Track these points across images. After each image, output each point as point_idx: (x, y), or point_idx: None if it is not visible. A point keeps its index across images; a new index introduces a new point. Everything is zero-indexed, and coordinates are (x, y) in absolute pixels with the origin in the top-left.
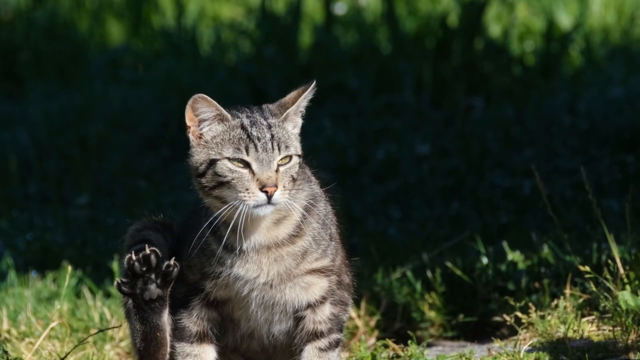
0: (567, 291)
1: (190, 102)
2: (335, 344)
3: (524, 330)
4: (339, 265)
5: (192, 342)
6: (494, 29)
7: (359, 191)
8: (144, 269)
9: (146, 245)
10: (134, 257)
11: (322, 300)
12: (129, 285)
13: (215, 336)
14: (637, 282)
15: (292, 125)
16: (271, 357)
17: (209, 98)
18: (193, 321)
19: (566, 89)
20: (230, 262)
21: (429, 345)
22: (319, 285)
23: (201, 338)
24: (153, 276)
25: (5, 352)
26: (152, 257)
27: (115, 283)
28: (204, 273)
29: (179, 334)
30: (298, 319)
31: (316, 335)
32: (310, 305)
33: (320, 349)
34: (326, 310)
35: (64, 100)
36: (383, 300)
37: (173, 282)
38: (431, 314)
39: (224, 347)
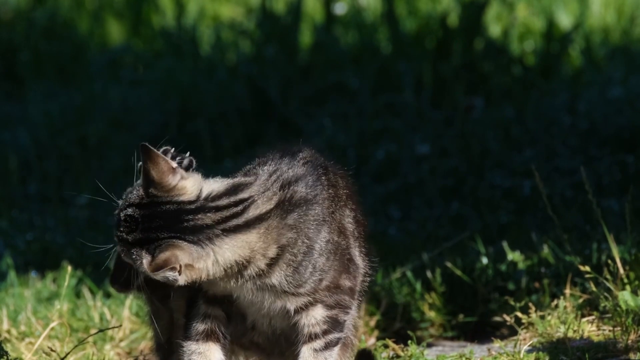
0: (567, 291)
1: None
2: (334, 343)
3: (524, 330)
4: (333, 276)
5: (197, 340)
6: (494, 29)
7: (359, 191)
8: None
9: None
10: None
11: (310, 305)
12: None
13: (223, 335)
14: (637, 282)
15: None
16: (284, 352)
17: None
18: (200, 319)
19: (566, 89)
20: None
21: (429, 345)
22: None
23: (207, 336)
24: None
25: (5, 352)
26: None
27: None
28: None
29: (186, 333)
30: (294, 321)
31: (311, 337)
32: (298, 311)
33: (315, 350)
34: (318, 314)
35: (64, 100)
36: (383, 300)
37: None
38: (431, 314)
39: (233, 336)
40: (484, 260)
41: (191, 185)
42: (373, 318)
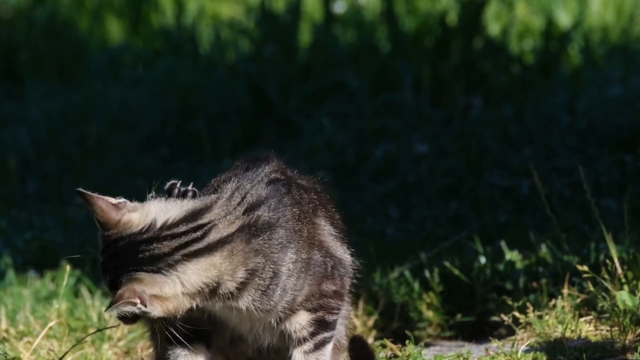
0: (565, 291)
1: None
2: (325, 342)
3: (522, 330)
4: (309, 290)
5: (183, 343)
6: (493, 28)
7: (358, 191)
8: None
9: None
10: None
11: (291, 313)
12: None
13: (209, 335)
14: (635, 282)
15: None
16: None
17: None
18: (182, 322)
19: (565, 88)
20: None
21: (427, 345)
22: None
23: (192, 338)
24: None
25: (4, 351)
26: None
27: None
28: None
29: (169, 336)
30: (280, 330)
31: (300, 341)
32: (279, 321)
33: (306, 352)
34: (302, 319)
35: (63, 100)
36: (381, 300)
37: None
38: (429, 314)
39: (219, 347)
40: (482, 260)
41: (138, 217)
42: (371, 318)
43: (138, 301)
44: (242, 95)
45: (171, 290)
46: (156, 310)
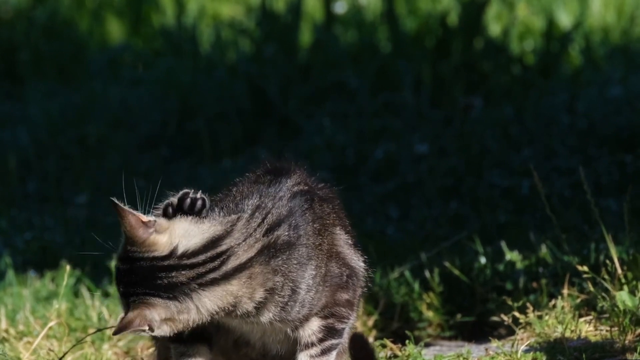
0: (565, 291)
1: None
2: (332, 348)
3: (522, 330)
4: (325, 302)
5: (186, 342)
6: (494, 28)
7: (358, 191)
8: None
9: None
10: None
11: (305, 321)
12: None
13: (211, 336)
14: (634, 283)
15: None
16: None
17: None
18: None
19: (565, 89)
20: None
21: (427, 345)
22: None
23: (195, 338)
24: None
25: (4, 352)
26: None
27: None
28: None
29: (174, 335)
30: (292, 338)
31: (307, 345)
32: (293, 330)
33: (312, 356)
34: (314, 325)
35: (63, 100)
36: (381, 300)
37: None
38: (429, 314)
39: (221, 347)
40: (482, 260)
41: (165, 241)
42: (371, 318)
43: (147, 328)
44: (242, 95)
45: (185, 317)
46: (164, 331)
